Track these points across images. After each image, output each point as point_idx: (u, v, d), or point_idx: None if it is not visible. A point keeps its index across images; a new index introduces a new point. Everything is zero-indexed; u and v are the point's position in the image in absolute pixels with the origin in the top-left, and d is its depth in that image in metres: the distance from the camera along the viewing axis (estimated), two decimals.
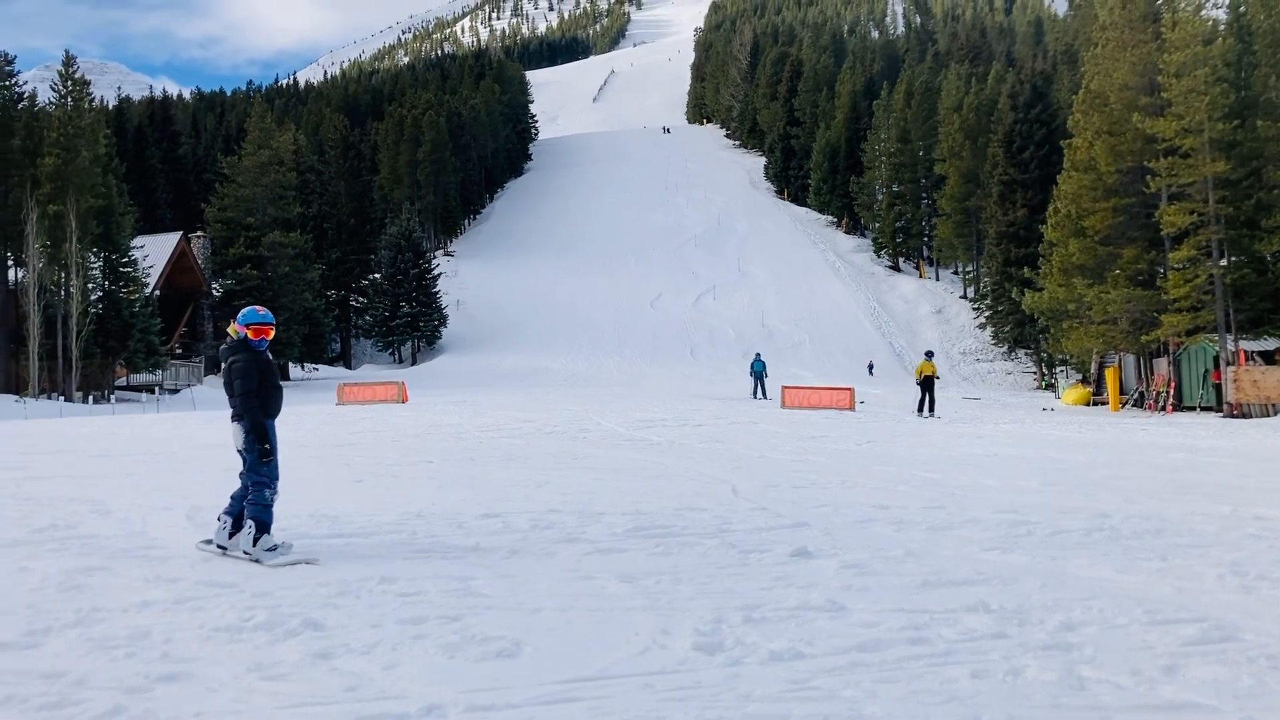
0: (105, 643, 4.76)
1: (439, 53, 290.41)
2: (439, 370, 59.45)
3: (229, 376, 7.06)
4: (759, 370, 37.32)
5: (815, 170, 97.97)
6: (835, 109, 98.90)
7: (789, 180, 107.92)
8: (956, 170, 69.55)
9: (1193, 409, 31.92)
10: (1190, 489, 11.16)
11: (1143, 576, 6.36)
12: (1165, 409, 32.63)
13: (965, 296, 73.33)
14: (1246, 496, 10.48)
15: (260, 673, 4.34)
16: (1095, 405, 37.60)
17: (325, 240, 70.07)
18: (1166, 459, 15.02)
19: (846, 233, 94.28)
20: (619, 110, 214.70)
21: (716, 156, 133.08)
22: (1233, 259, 32.94)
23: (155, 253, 50.92)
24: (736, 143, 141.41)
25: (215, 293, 58.05)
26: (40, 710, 3.91)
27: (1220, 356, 31.09)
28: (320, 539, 7.73)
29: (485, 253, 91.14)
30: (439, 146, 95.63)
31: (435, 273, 73.03)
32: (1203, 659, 4.55)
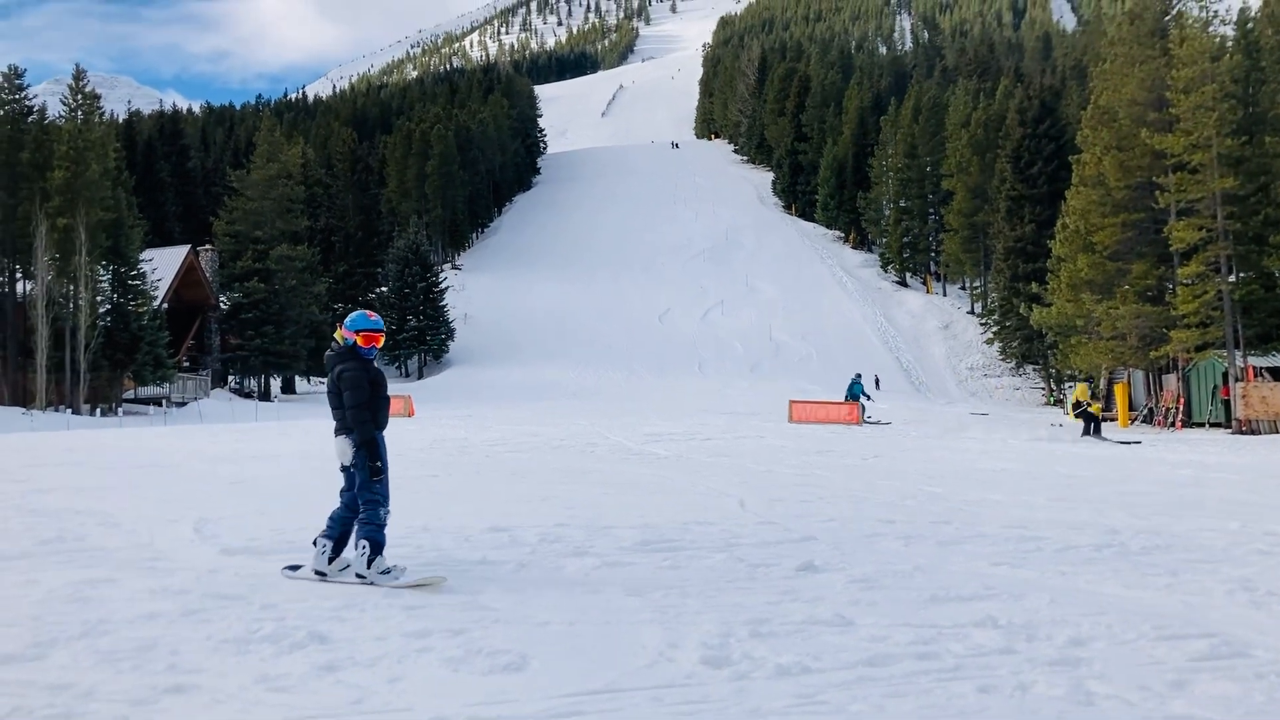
0: (112, 655, 4.76)
1: (447, 67, 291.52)
2: (446, 384, 59.52)
3: (337, 386, 6.65)
4: (857, 394, 33.92)
5: (823, 185, 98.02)
6: (843, 124, 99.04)
7: (796, 195, 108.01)
8: (964, 185, 69.54)
9: (1202, 425, 31.82)
10: (1198, 505, 11.12)
11: (1151, 592, 6.33)
12: (1174, 425, 32.52)
13: (972, 312, 73.25)
14: (1255, 513, 10.43)
15: (266, 684, 4.34)
16: (1104, 421, 37.44)
17: (333, 253, 70.29)
18: (1175, 475, 14.97)
19: (854, 248, 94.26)
20: (627, 125, 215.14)
21: (724, 171, 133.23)
22: (1241, 275, 32.87)
23: (163, 266, 51.08)
24: (744, 158, 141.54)
25: (223, 306, 58.22)
26: None
27: (1229, 373, 31.01)
28: None
29: (493, 266, 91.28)
30: (447, 160, 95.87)
31: (442, 286, 73.14)
32: (1212, 675, 4.52)
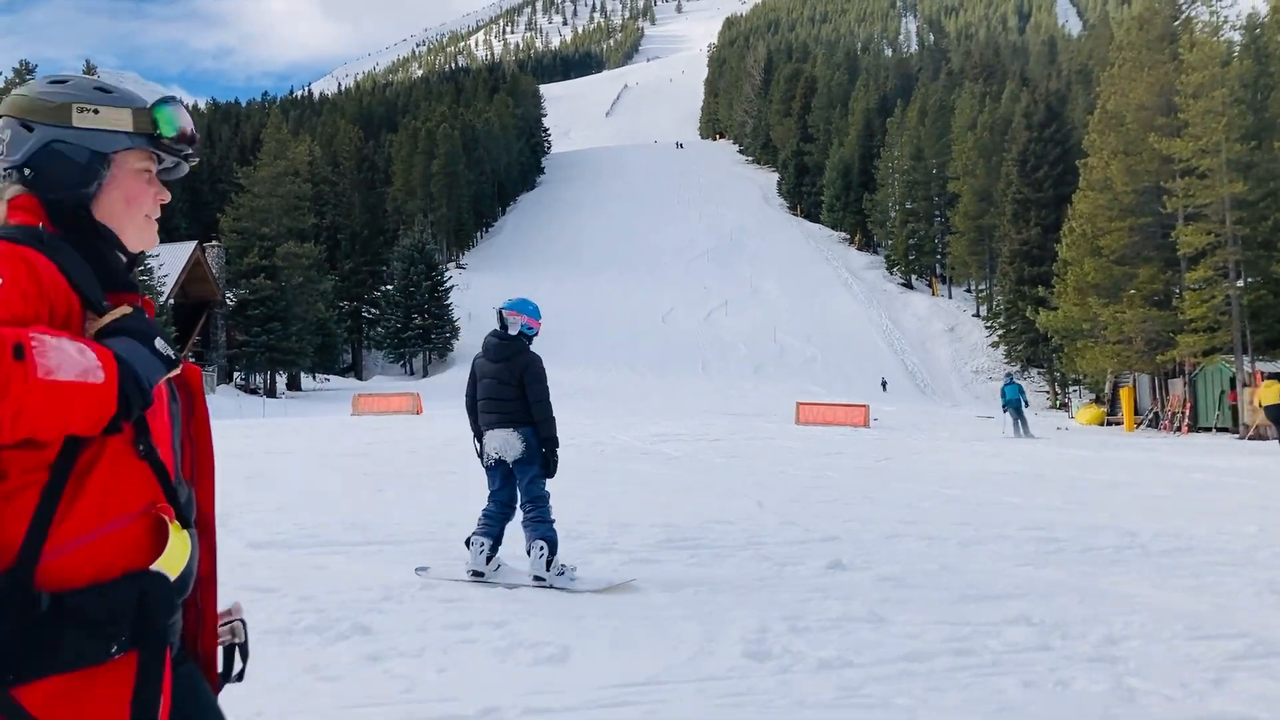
0: None
1: (453, 66, 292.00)
2: (451, 382, 59.54)
3: (514, 376, 6.33)
4: (1015, 400, 28.34)
5: (828, 187, 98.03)
6: (849, 126, 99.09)
7: (802, 196, 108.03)
8: (970, 188, 69.62)
9: (1208, 430, 31.84)
10: (1214, 509, 11.16)
11: (1179, 593, 6.37)
12: (1180, 430, 32.55)
13: (978, 315, 73.29)
14: (1271, 517, 10.47)
15: (316, 674, 4.39)
16: (1109, 425, 37.53)
17: (338, 251, 70.42)
18: (1188, 479, 15.01)
19: (859, 249, 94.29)
20: (632, 125, 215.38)
21: (729, 172, 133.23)
22: (1249, 280, 32.93)
23: (170, 261, 51.13)
24: (750, 158, 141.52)
25: (229, 302, 58.28)
26: None
27: (1236, 378, 31.04)
28: (354, 546, 7.78)
29: (497, 265, 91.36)
30: (452, 159, 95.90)
31: (447, 285, 73.21)
32: (1249, 673, 4.56)
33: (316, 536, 8.17)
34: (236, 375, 60.48)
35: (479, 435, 6.63)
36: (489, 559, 6.38)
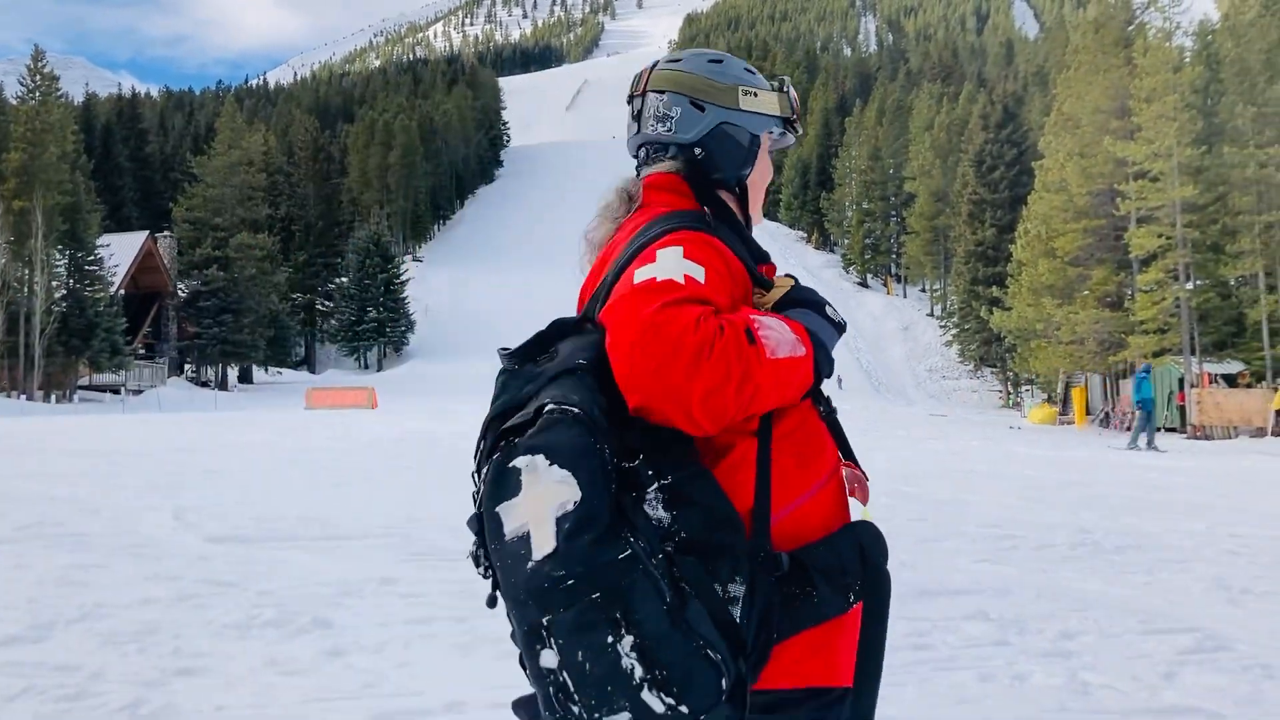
0: (114, 638, 4.75)
1: (411, 57, 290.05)
2: (406, 376, 59.23)
3: None
4: (1151, 400, 22.94)
5: (786, 185, 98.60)
6: (807, 125, 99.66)
7: None
8: (926, 189, 70.29)
9: (1158, 430, 32.31)
10: (1164, 507, 11.35)
11: (1131, 589, 6.48)
12: (1130, 429, 33.02)
13: (932, 314, 74.02)
14: (1219, 515, 10.66)
15: (276, 668, 4.36)
16: (1061, 424, 38.03)
17: (292, 243, 69.78)
18: (1141, 478, 15.26)
19: (816, 248, 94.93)
20: (592, 119, 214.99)
21: None
22: (1198, 282, 33.52)
23: (121, 251, 50.44)
24: None
25: (181, 293, 57.58)
26: (60, 701, 3.91)
27: (1185, 379, 31.58)
28: (313, 540, 7.72)
29: (455, 259, 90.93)
30: (410, 151, 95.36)
31: (404, 278, 72.80)
32: (1199, 667, 4.66)
33: (275, 531, 8.10)
34: (188, 368, 59.77)
35: None
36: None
